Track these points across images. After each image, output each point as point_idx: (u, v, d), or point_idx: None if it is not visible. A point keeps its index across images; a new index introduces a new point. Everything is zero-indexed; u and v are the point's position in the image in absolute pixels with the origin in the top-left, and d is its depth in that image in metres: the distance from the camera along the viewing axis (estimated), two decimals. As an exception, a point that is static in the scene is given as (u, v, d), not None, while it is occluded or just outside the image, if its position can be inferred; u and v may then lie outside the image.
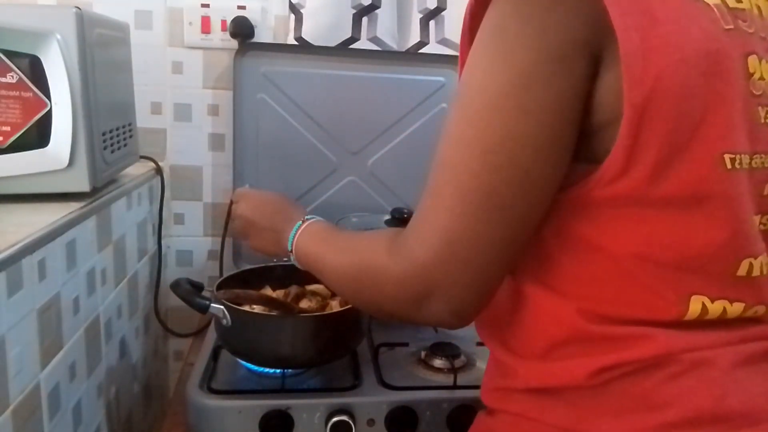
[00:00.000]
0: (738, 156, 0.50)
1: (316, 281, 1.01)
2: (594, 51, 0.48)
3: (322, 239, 0.71)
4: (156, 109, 1.29)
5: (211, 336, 1.00)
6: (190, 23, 1.25)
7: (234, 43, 1.24)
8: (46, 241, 0.72)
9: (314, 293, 0.98)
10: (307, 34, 1.26)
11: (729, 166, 0.50)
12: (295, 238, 0.74)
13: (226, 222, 1.31)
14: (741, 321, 0.54)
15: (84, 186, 0.85)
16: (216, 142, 1.32)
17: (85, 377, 0.86)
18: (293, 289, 0.97)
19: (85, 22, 0.83)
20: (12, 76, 0.79)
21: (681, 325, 0.52)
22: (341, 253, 0.66)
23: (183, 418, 0.86)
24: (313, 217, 0.76)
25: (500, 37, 0.50)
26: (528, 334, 0.58)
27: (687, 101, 0.48)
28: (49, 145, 0.82)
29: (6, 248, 0.64)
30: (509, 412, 0.60)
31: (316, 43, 1.26)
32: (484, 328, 0.65)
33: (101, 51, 0.91)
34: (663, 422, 0.51)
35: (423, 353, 0.96)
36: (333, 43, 1.26)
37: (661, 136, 0.48)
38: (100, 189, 0.91)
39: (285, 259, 0.78)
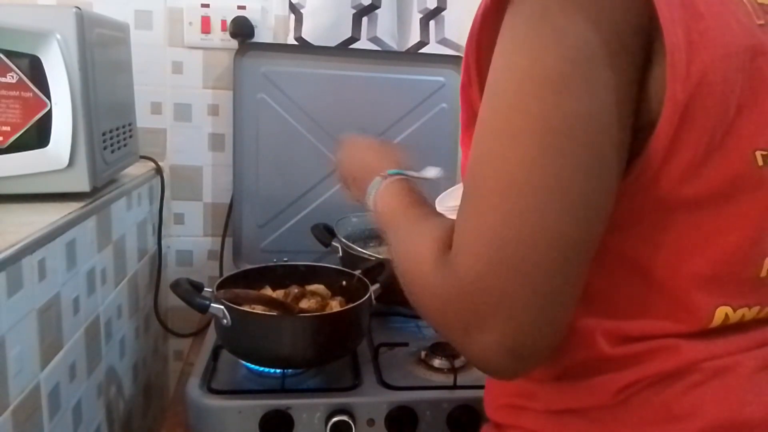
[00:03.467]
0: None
1: (316, 281, 1.02)
2: (646, 39, 0.46)
3: (391, 210, 0.65)
4: (156, 109, 1.29)
5: (211, 336, 1.00)
6: (190, 23, 1.25)
7: (234, 43, 1.25)
8: (46, 241, 0.72)
9: (314, 293, 0.98)
10: (307, 34, 1.26)
11: (761, 163, 0.49)
12: (373, 199, 0.68)
13: (226, 222, 1.31)
14: (756, 323, 0.54)
15: (84, 186, 0.85)
16: (216, 142, 1.32)
17: (85, 377, 0.86)
18: (293, 289, 0.97)
19: (85, 22, 0.83)
20: (12, 76, 0.79)
21: (701, 333, 0.51)
22: (397, 236, 0.60)
23: (183, 418, 0.86)
24: (394, 174, 0.69)
25: (547, 20, 0.45)
26: (555, 363, 0.55)
27: (725, 99, 0.46)
28: (49, 145, 0.82)
29: (6, 248, 0.64)
30: (524, 428, 0.58)
31: (316, 43, 1.26)
32: None
33: (101, 51, 0.91)
34: None
35: (423, 353, 0.96)
36: (333, 43, 1.26)
37: (699, 135, 0.46)
38: (100, 189, 0.91)
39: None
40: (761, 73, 0.48)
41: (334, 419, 0.82)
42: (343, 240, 1.11)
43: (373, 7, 1.27)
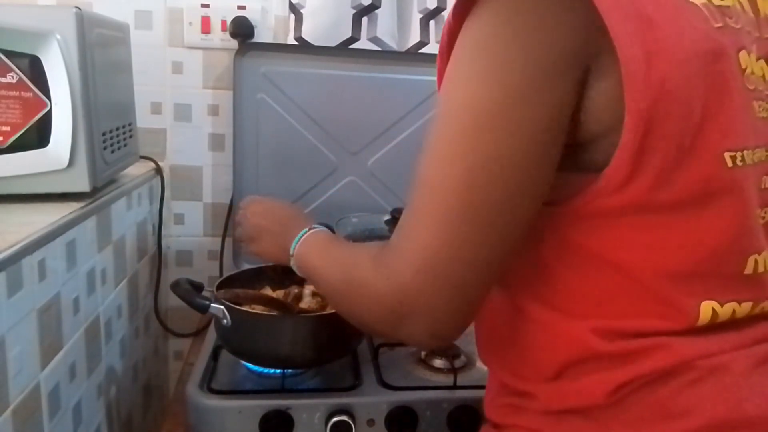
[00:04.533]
0: (739, 153, 0.50)
1: (316, 281, 1.02)
2: (585, 60, 0.47)
3: (321, 250, 0.71)
4: (156, 109, 1.29)
5: (211, 336, 1.00)
6: (190, 23, 1.25)
7: (234, 43, 1.25)
8: (46, 241, 0.72)
9: (314, 293, 0.98)
10: (307, 34, 1.26)
11: (730, 164, 0.49)
12: (297, 245, 0.74)
13: (226, 222, 1.31)
14: (750, 319, 0.54)
15: (84, 186, 0.85)
16: (216, 142, 1.32)
17: (85, 377, 0.86)
18: (293, 289, 0.97)
19: (85, 22, 0.83)
20: (12, 76, 0.79)
21: (693, 331, 0.52)
22: (332, 264, 0.66)
23: (183, 418, 0.86)
24: (318, 227, 0.76)
25: (482, 55, 0.49)
26: (537, 358, 0.56)
27: (689, 104, 0.47)
28: (49, 145, 0.82)
29: (6, 248, 0.64)
30: (522, 427, 0.59)
31: (316, 43, 1.26)
32: (486, 352, 0.64)
33: (101, 51, 0.91)
34: (681, 431, 0.50)
35: (423, 353, 0.96)
36: (333, 43, 1.26)
37: (666, 141, 0.47)
38: (100, 189, 0.91)
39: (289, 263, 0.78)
40: (723, 75, 0.49)
41: (334, 419, 0.82)
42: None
43: (373, 7, 1.27)
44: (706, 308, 0.51)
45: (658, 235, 0.50)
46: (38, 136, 0.81)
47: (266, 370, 0.91)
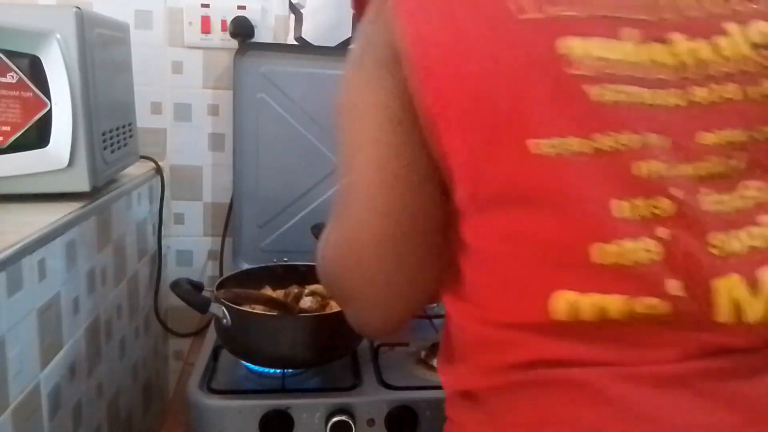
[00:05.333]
0: (554, 140, 0.45)
1: (316, 281, 1.02)
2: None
3: None
4: (156, 109, 1.29)
5: (211, 336, 1.00)
6: (190, 23, 1.25)
7: (234, 43, 1.25)
8: (46, 241, 0.72)
9: (314, 293, 0.98)
10: (307, 34, 1.26)
11: (540, 151, 0.45)
12: None
13: (226, 222, 1.31)
14: (642, 326, 0.46)
15: (84, 186, 0.85)
16: (216, 142, 1.32)
17: (85, 377, 0.86)
18: (293, 289, 0.97)
19: (85, 22, 0.83)
20: (12, 76, 0.80)
21: (556, 328, 0.46)
22: None
23: (183, 418, 0.86)
24: None
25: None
26: (448, 345, 0.59)
27: (484, 101, 0.46)
28: (49, 145, 0.82)
29: (6, 248, 0.64)
30: (448, 417, 0.61)
31: (316, 43, 1.26)
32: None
33: (101, 51, 0.91)
34: None
35: (423, 353, 0.96)
36: (333, 43, 1.27)
37: (459, 140, 0.47)
38: (100, 189, 0.91)
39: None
40: (526, 66, 0.46)
41: (334, 419, 0.82)
42: (343, 240, 1.11)
43: (373, 7, 1.27)
44: (561, 297, 0.46)
45: (494, 226, 0.48)
46: (38, 136, 0.81)
47: (266, 370, 0.91)
